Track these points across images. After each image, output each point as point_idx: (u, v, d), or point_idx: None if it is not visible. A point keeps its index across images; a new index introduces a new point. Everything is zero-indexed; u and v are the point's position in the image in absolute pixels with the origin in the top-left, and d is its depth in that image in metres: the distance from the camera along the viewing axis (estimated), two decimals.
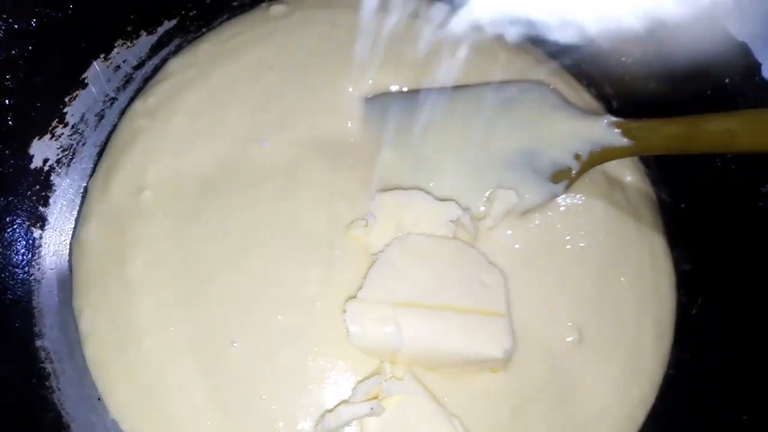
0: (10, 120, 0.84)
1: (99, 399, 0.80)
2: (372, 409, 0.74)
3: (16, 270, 0.84)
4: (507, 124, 0.89)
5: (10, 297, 0.82)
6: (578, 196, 0.91)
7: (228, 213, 0.85)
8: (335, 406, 0.76)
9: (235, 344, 0.79)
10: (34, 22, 0.82)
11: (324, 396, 0.78)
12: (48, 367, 0.82)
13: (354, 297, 0.78)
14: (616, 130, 0.85)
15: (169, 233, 0.84)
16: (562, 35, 0.90)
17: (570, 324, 0.84)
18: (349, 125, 0.92)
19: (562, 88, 0.98)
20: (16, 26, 0.81)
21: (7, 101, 0.82)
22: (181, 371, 0.78)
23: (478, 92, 0.92)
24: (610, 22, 0.86)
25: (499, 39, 1.04)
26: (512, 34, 0.96)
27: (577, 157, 0.87)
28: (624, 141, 0.85)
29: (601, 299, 0.87)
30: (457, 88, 0.93)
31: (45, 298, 0.85)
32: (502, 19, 0.94)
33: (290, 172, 0.88)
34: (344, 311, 0.77)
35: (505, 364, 0.79)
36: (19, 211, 0.86)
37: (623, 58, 1.03)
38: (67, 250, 0.89)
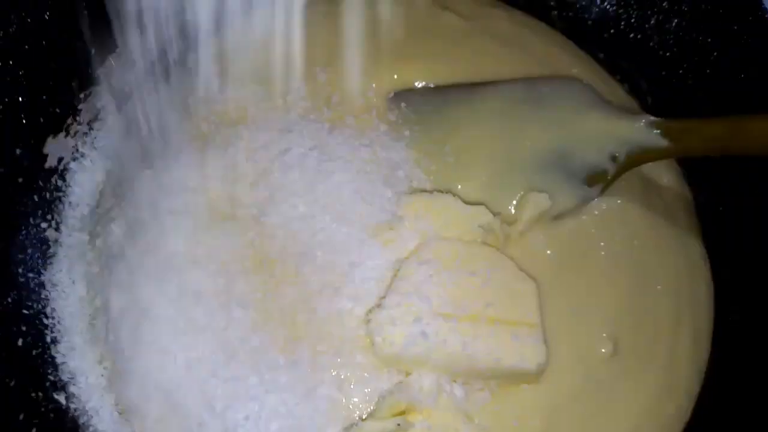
0: (23, 118, 0.82)
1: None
2: (399, 425, 0.71)
3: (30, 273, 0.82)
4: (539, 123, 0.86)
5: (24, 304, 0.80)
6: (613, 199, 0.87)
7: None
8: (359, 421, 0.73)
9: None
10: (47, 17, 0.80)
11: (347, 409, 0.75)
12: (64, 377, 0.80)
13: (378, 306, 0.75)
14: (655, 131, 0.82)
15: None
16: None
17: (604, 335, 0.80)
18: (374, 122, 0.89)
19: (594, 83, 0.94)
20: (28, 20, 0.78)
21: (20, 98, 0.80)
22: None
23: (508, 89, 0.89)
24: None
25: (530, 30, 1.01)
26: None
27: (613, 158, 0.83)
28: (663, 142, 0.82)
29: (636, 308, 0.83)
30: (485, 84, 0.91)
31: (60, 301, 0.84)
32: None
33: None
34: (368, 321, 0.75)
35: (537, 377, 0.77)
36: (33, 213, 0.84)
37: (660, 52, 0.99)
38: (84, 252, 0.87)
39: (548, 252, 0.83)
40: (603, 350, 0.80)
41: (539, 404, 0.77)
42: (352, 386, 0.74)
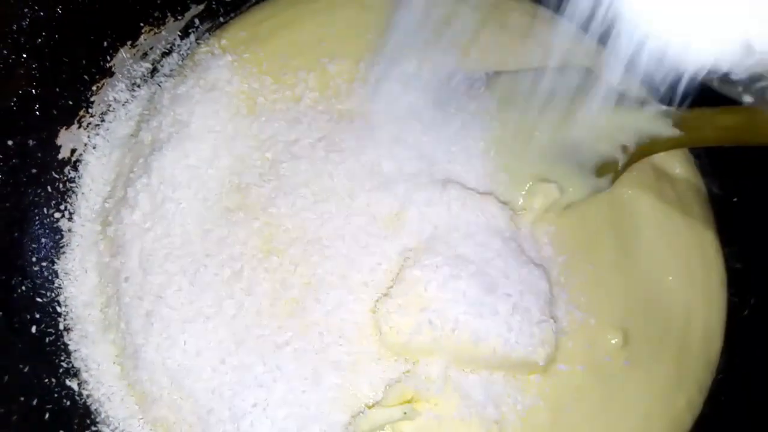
0: (36, 110, 0.82)
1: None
2: (405, 413, 0.71)
3: (44, 263, 0.83)
4: (549, 113, 0.84)
5: (38, 292, 0.81)
6: (624, 189, 0.86)
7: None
8: (366, 409, 0.74)
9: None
10: (60, 9, 0.80)
11: (354, 397, 0.75)
12: (77, 364, 0.81)
13: (386, 294, 0.75)
14: (666, 120, 0.81)
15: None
16: None
17: (614, 326, 0.80)
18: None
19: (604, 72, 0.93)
20: (41, 13, 0.79)
21: (33, 91, 0.81)
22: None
23: (518, 78, 0.88)
24: None
25: (540, 21, 1.00)
26: None
27: (624, 148, 0.82)
28: (675, 132, 0.81)
29: (647, 299, 0.83)
30: (494, 73, 0.90)
31: (73, 290, 0.84)
32: None
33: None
34: (375, 310, 0.75)
35: (546, 367, 0.76)
36: (46, 203, 0.84)
37: None
38: (96, 242, 0.87)
39: (557, 243, 0.83)
40: (613, 341, 0.80)
41: (547, 394, 0.77)
42: (359, 374, 0.74)
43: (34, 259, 0.81)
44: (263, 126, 0.87)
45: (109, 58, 0.89)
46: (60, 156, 0.86)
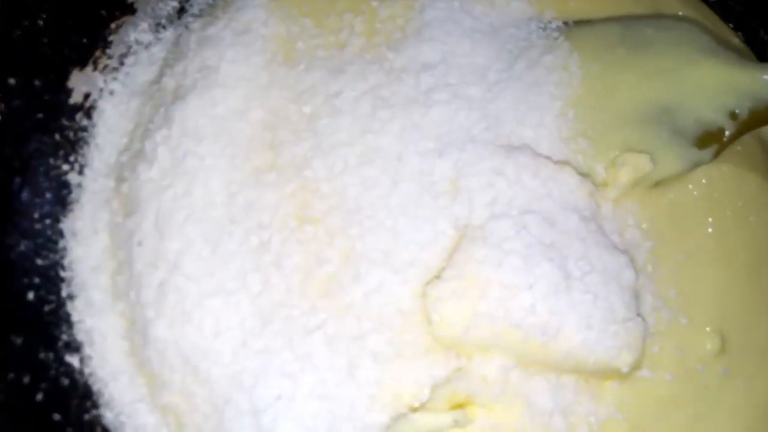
0: (46, 46, 0.76)
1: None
2: (456, 420, 0.64)
3: (47, 220, 0.76)
4: (641, 70, 0.76)
5: (39, 253, 0.74)
6: (726, 165, 0.77)
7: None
8: (408, 412, 0.65)
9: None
10: None
11: (394, 396, 0.66)
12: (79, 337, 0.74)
13: (438, 277, 0.67)
14: None
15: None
16: None
17: (709, 329, 0.72)
18: None
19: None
20: None
21: (40, 22, 0.74)
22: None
23: (604, 29, 0.79)
24: None
25: None
26: None
27: (732, 115, 0.74)
28: None
29: (750, 299, 0.74)
30: (578, 23, 0.82)
31: (80, 252, 0.77)
32: None
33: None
34: (424, 295, 0.67)
35: (627, 375, 0.67)
36: (53, 153, 0.78)
37: None
38: (109, 200, 0.80)
39: (644, 225, 0.74)
40: (708, 347, 0.72)
41: (626, 405, 0.68)
42: (402, 370, 0.67)
43: (36, 216, 0.75)
44: (301, 75, 0.79)
45: None
46: (71, 101, 0.81)
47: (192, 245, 0.72)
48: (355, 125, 0.75)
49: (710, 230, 0.75)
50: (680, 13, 0.85)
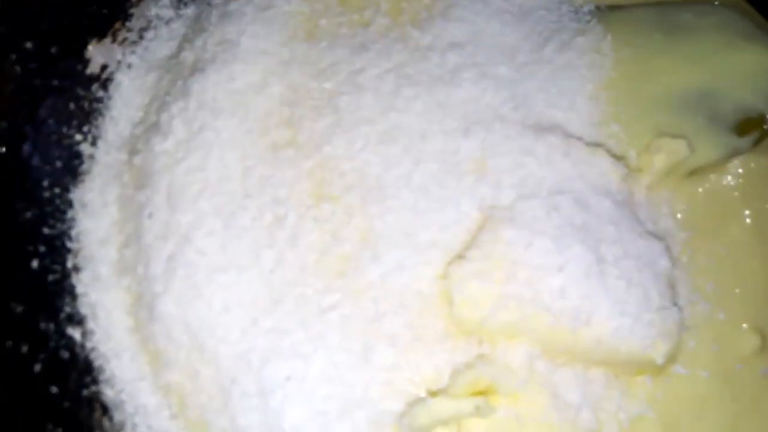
0: (64, 14, 0.75)
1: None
2: (477, 407, 0.59)
3: (57, 189, 0.74)
4: (679, 54, 0.74)
5: (46, 222, 0.72)
6: (765, 155, 0.73)
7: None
8: (426, 398, 0.62)
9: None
10: None
11: (411, 381, 0.63)
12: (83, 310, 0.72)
13: (461, 257, 0.64)
14: None
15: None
16: None
17: (747, 325, 0.69)
18: None
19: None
20: None
21: None
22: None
23: (641, 14, 0.77)
24: None
25: None
26: None
27: None
28: None
29: None
30: (610, 8, 0.79)
31: (89, 224, 0.75)
32: None
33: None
34: (446, 276, 0.64)
35: (659, 369, 0.63)
36: (67, 121, 0.76)
37: None
38: (121, 173, 0.77)
39: (678, 215, 0.72)
40: (747, 344, 0.69)
41: (659, 402, 0.65)
42: (420, 354, 0.64)
43: (45, 184, 0.74)
44: (323, 52, 0.77)
45: None
46: (88, 71, 0.80)
47: (204, 219, 0.69)
48: (378, 102, 0.72)
49: (748, 222, 0.72)
50: (717, 2, 0.83)
